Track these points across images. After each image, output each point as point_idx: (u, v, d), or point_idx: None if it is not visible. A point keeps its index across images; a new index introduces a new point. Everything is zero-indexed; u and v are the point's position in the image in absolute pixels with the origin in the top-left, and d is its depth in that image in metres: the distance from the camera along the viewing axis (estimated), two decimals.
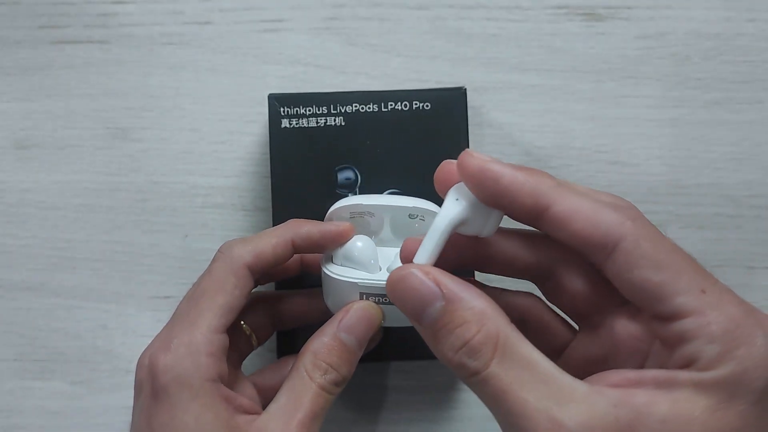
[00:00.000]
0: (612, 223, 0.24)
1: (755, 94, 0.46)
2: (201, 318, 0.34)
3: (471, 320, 0.25)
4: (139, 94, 0.46)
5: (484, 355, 0.24)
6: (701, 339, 0.23)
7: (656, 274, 0.24)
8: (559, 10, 0.46)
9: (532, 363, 0.24)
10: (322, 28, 0.46)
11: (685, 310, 0.24)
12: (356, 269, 0.37)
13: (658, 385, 0.23)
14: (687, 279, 0.24)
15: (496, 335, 0.24)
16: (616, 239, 0.24)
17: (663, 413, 0.23)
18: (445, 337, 0.25)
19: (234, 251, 0.36)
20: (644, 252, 0.24)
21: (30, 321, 0.46)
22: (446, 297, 0.25)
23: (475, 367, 0.24)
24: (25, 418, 0.45)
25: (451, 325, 0.25)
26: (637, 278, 0.24)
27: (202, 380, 0.33)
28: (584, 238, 0.25)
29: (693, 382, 0.23)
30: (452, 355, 0.25)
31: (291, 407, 0.34)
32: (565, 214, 0.25)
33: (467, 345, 0.25)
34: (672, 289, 0.24)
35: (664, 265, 0.24)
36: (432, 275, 0.26)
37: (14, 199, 0.46)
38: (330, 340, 0.35)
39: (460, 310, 0.25)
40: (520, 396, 0.24)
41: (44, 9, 0.46)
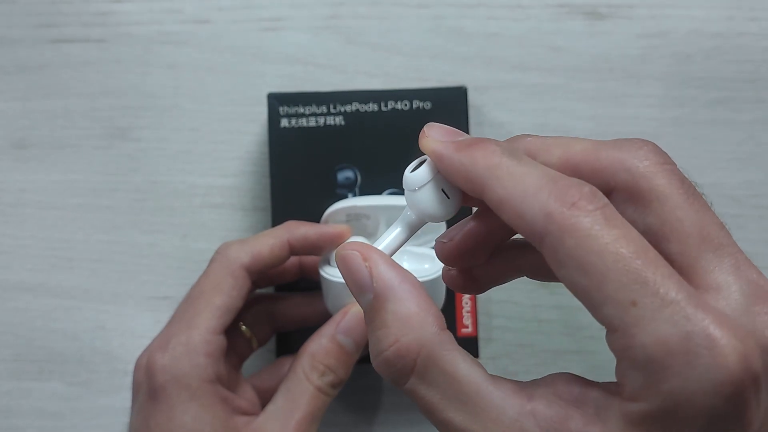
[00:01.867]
0: (536, 214, 0.20)
1: (757, 93, 0.46)
2: (199, 319, 0.34)
3: (391, 327, 0.22)
4: (138, 94, 0.46)
5: (400, 369, 0.22)
6: (624, 362, 0.20)
7: (582, 277, 0.20)
8: (560, 8, 0.46)
9: (458, 380, 0.21)
10: (321, 27, 0.46)
11: (611, 323, 0.20)
12: None
13: (596, 411, 0.20)
14: (613, 287, 0.19)
15: (416, 350, 0.22)
16: (540, 233, 0.20)
17: None
18: (371, 332, 0.23)
19: (231, 252, 0.36)
20: (567, 250, 0.20)
21: (28, 321, 0.45)
22: (375, 290, 0.23)
23: (394, 379, 0.22)
24: (23, 419, 0.45)
25: (373, 324, 0.23)
26: (566, 279, 0.20)
27: (200, 381, 0.33)
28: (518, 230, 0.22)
29: (622, 414, 0.20)
30: (373, 357, 0.23)
31: (288, 409, 0.34)
32: (495, 203, 0.22)
33: (382, 356, 0.22)
34: (598, 297, 0.20)
35: (589, 269, 0.20)
36: (370, 261, 0.23)
37: (12, 199, 0.46)
38: (328, 342, 0.35)
39: (383, 311, 0.22)
40: (445, 416, 0.22)
41: (42, 8, 0.46)
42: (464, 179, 0.23)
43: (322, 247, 0.37)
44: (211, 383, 0.34)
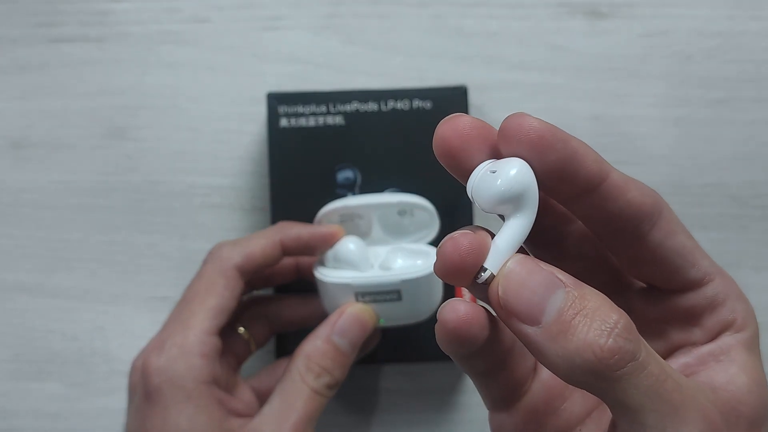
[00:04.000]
0: (654, 194, 0.24)
1: (759, 93, 0.45)
2: (193, 320, 0.35)
3: (604, 304, 0.21)
4: (137, 93, 0.45)
5: (636, 338, 0.21)
6: (731, 298, 0.24)
7: (689, 239, 0.24)
8: (561, 8, 0.46)
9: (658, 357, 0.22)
10: (321, 26, 0.46)
11: (712, 272, 0.24)
12: (349, 270, 0.37)
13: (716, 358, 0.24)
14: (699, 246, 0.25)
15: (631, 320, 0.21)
16: (660, 207, 0.24)
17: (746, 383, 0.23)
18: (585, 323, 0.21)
19: (223, 253, 0.37)
20: (676, 220, 0.24)
21: (26, 322, 0.45)
22: (568, 284, 0.21)
23: (633, 350, 0.20)
24: (21, 420, 0.45)
25: (587, 308, 0.21)
26: (678, 243, 0.24)
27: (195, 382, 0.33)
28: (638, 206, 0.23)
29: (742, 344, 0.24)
30: (604, 341, 0.20)
31: (284, 410, 0.34)
32: (621, 182, 0.23)
33: (620, 324, 0.21)
34: (699, 253, 0.24)
35: (688, 233, 0.24)
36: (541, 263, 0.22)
37: (10, 199, 0.46)
38: (323, 343, 0.35)
39: (589, 293, 0.21)
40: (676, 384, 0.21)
41: (40, 7, 0.46)
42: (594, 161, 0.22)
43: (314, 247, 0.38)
44: (207, 384, 0.34)
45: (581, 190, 0.23)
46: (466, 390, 0.45)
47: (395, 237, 0.39)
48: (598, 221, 0.24)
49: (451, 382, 0.45)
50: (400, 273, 0.36)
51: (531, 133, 0.22)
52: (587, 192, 0.23)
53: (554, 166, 0.22)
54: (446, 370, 0.45)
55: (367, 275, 0.36)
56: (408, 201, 0.38)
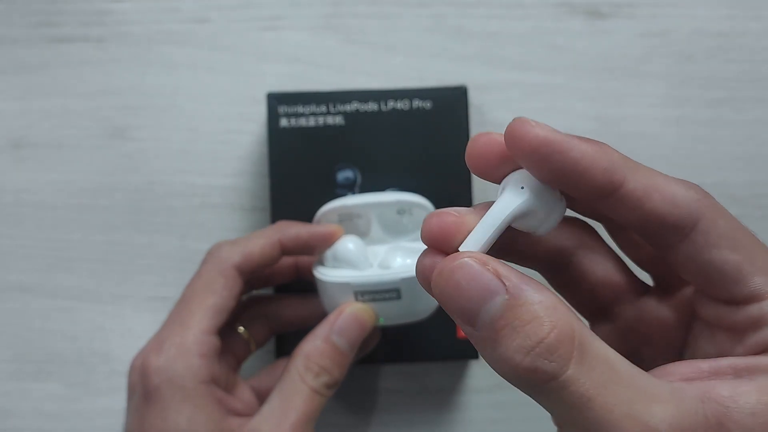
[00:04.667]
0: (690, 201, 0.22)
1: (760, 92, 0.45)
2: (192, 319, 0.35)
3: (542, 316, 0.21)
4: (136, 93, 0.45)
5: (562, 355, 0.20)
6: None
7: (734, 253, 0.22)
8: (561, 8, 0.46)
9: (611, 363, 0.21)
10: (321, 26, 0.45)
11: (763, 291, 0.22)
12: (348, 269, 0.37)
13: (737, 374, 0.22)
14: (762, 259, 0.22)
15: (572, 333, 0.21)
16: (695, 218, 0.22)
17: (752, 405, 0.21)
18: (511, 337, 0.21)
19: (222, 253, 0.36)
20: (722, 231, 0.22)
21: (26, 322, 0.45)
22: (509, 290, 0.21)
23: (552, 370, 0.20)
24: (21, 420, 0.45)
25: (517, 321, 0.21)
26: (716, 258, 0.22)
27: (194, 381, 0.33)
28: (661, 217, 0.22)
29: None
30: (521, 358, 0.20)
31: (283, 410, 0.34)
32: (640, 191, 0.22)
33: (542, 344, 0.20)
34: (749, 270, 0.22)
35: (741, 245, 0.22)
36: (491, 265, 0.21)
37: (10, 199, 0.46)
38: (322, 343, 0.35)
39: (527, 305, 0.21)
40: (607, 402, 0.20)
41: (40, 7, 0.46)
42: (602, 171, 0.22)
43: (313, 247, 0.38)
44: (206, 384, 0.34)
45: (592, 197, 0.23)
46: (466, 390, 0.45)
47: (394, 236, 0.39)
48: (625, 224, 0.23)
49: (451, 382, 0.45)
50: (399, 271, 0.36)
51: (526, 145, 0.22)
52: (599, 199, 0.23)
53: (553, 176, 0.22)
54: (446, 370, 0.45)
55: (366, 274, 0.36)
56: (407, 200, 0.38)
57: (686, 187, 0.23)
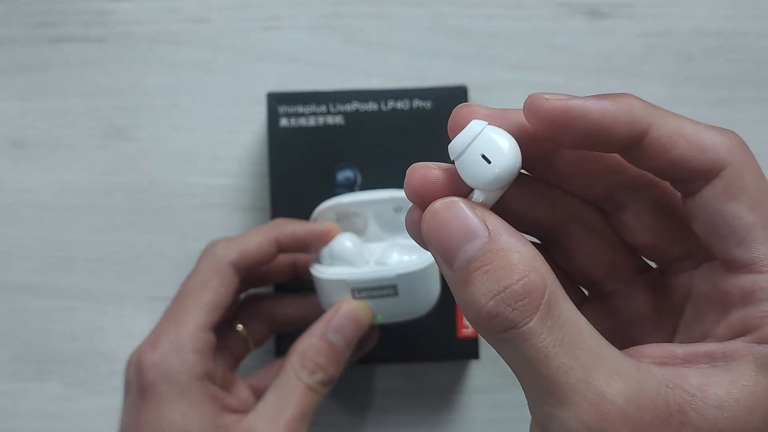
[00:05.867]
0: (719, 147, 0.21)
1: (760, 92, 0.45)
2: (187, 316, 0.35)
3: (516, 263, 0.20)
4: (137, 93, 0.45)
5: (526, 306, 0.20)
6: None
7: (750, 213, 0.21)
8: (561, 8, 0.46)
9: (578, 328, 0.20)
10: (321, 26, 0.45)
11: (763, 263, 0.20)
12: (345, 266, 0.37)
13: (712, 361, 0.21)
14: None
15: (543, 287, 0.20)
16: (720, 165, 0.21)
17: (720, 397, 0.20)
18: (481, 279, 0.20)
19: (218, 250, 0.37)
20: (746, 184, 0.21)
21: (26, 322, 0.45)
22: (491, 234, 0.21)
23: (513, 319, 0.20)
24: (21, 420, 0.45)
25: (491, 265, 0.20)
26: (730, 211, 0.21)
27: (189, 377, 0.33)
28: (685, 164, 0.21)
29: (755, 357, 0.20)
30: (485, 302, 0.20)
31: (278, 407, 0.34)
32: (665, 138, 0.21)
33: (508, 290, 0.20)
34: (759, 235, 0.21)
35: (761, 206, 0.21)
36: (478, 209, 0.21)
37: (10, 199, 0.46)
38: (318, 340, 0.36)
39: (504, 251, 0.21)
40: (563, 362, 0.20)
41: (41, 7, 0.46)
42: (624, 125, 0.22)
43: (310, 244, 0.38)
44: (200, 380, 0.34)
45: (616, 150, 0.22)
46: (466, 390, 0.45)
47: (391, 233, 0.39)
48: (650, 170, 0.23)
49: (450, 381, 0.45)
50: (395, 267, 0.36)
51: (547, 119, 0.22)
52: (623, 151, 0.22)
53: (576, 142, 0.22)
54: (446, 370, 0.45)
55: (363, 271, 0.36)
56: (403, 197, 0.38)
57: (720, 133, 0.22)
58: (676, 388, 0.20)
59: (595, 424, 0.19)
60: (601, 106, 0.22)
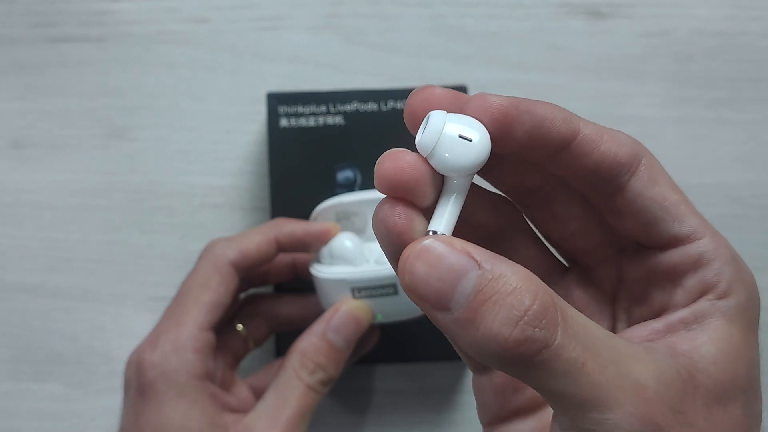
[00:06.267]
0: (632, 142, 0.23)
1: (760, 93, 0.45)
2: (187, 316, 0.35)
3: (521, 285, 0.20)
4: (136, 93, 0.45)
5: (549, 323, 0.20)
6: (719, 260, 0.22)
7: (674, 192, 0.23)
8: (561, 8, 0.46)
9: (588, 328, 0.21)
10: (321, 26, 0.45)
11: (701, 230, 0.23)
12: (344, 266, 0.37)
13: (687, 326, 0.22)
14: (690, 203, 0.23)
15: (552, 299, 0.20)
16: (639, 155, 0.23)
17: (713, 354, 0.21)
18: (493, 312, 0.20)
19: (217, 249, 0.37)
20: (660, 170, 0.23)
21: (26, 322, 0.45)
22: (482, 265, 0.20)
23: (544, 338, 0.19)
24: (21, 420, 0.45)
25: (497, 295, 0.20)
26: (658, 195, 0.23)
27: (188, 377, 0.34)
28: (613, 156, 0.23)
29: (721, 313, 0.22)
30: (509, 331, 0.20)
31: (278, 406, 0.34)
32: (593, 136, 0.23)
33: (529, 312, 0.20)
34: (687, 209, 0.23)
35: (676, 187, 0.23)
36: (457, 244, 0.21)
37: (10, 199, 0.46)
38: (318, 340, 0.36)
39: (503, 276, 0.20)
40: (598, 365, 0.20)
41: (40, 7, 0.46)
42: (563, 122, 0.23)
43: (309, 244, 0.38)
44: (200, 379, 0.34)
45: (554, 150, 0.23)
46: (467, 390, 0.45)
47: None
48: (577, 176, 0.24)
49: (451, 381, 0.45)
50: None
51: (494, 112, 0.22)
52: (559, 151, 0.23)
53: (524, 137, 0.22)
54: (446, 370, 0.45)
55: (363, 270, 0.36)
56: None
57: (622, 132, 0.24)
58: (676, 355, 0.21)
59: (643, 414, 0.20)
60: (543, 105, 0.23)
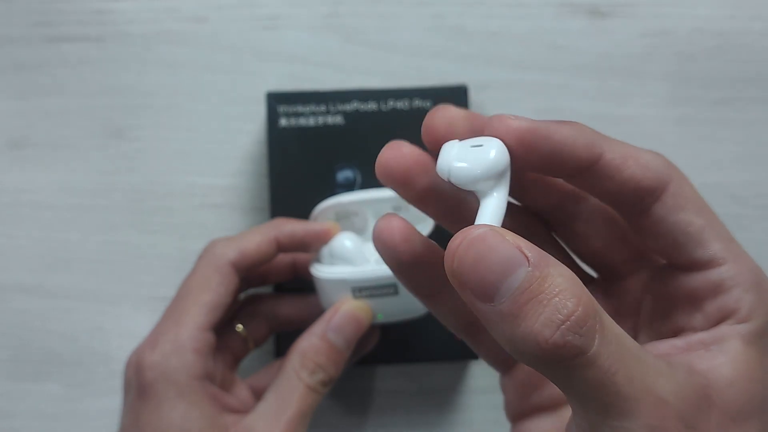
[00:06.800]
0: (660, 166, 0.24)
1: (760, 92, 0.46)
2: (186, 316, 0.35)
3: (567, 289, 0.20)
4: (135, 93, 0.45)
5: (590, 330, 0.20)
6: (740, 287, 0.23)
7: (698, 217, 0.23)
8: (561, 7, 0.46)
9: (621, 338, 0.21)
10: (320, 26, 0.45)
11: (723, 256, 0.23)
12: (344, 265, 0.37)
13: (706, 347, 0.23)
14: (719, 226, 0.24)
15: (594, 306, 0.20)
16: (666, 181, 0.23)
17: (729, 376, 0.22)
18: (536, 310, 0.20)
19: (217, 249, 0.37)
20: (688, 195, 0.24)
21: (25, 322, 0.45)
22: (532, 263, 0.20)
23: (582, 345, 0.20)
24: (20, 420, 0.45)
25: (543, 295, 0.20)
26: (682, 220, 0.23)
27: (188, 377, 0.33)
28: (637, 182, 0.23)
29: (740, 336, 0.22)
30: (550, 333, 0.20)
31: (279, 406, 0.34)
32: (618, 160, 0.23)
33: (573, 317, 0.20)
34: (711, 234, 0.23)
35: (704, 211, 0.24)
36: (510, 237, 0.21)
37: (9, 199, 0.46)
38: (318, 340, 0.36)
39: (552, 277, 0.20)
40: (627, 375, 0.20)
41: (39, 6, 0.46)
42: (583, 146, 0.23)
43: (309, 244, 0.38)
44: (200, 380, 0.34)
45: (574, 172, 0.24)
46: (467, 390, 0.45)
47: None
48: (601, 195, 0.25)
49: (451, 382, 0.45)
50: None
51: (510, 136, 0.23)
52: (580, 174, 0.24)
53: (540, 162, 0.23)
54: (447, 371, 0.45)
55: (363, 270, 0.36)
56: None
57: (654, 155, 0.24)
58: (693, 374, 0.22)
59: (659, 426, 0.20)
60: (563, 130, 0.23)
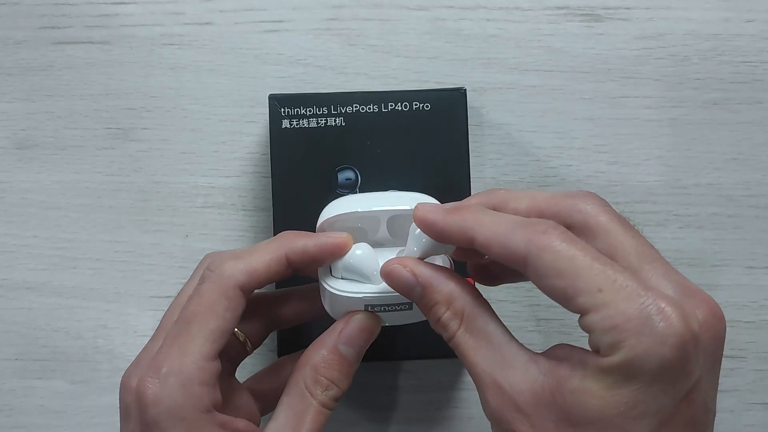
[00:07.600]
0: (518, 243, 0.28)
1: (754, 94, 0.46)
2: (192, 344, 0.32)
3: (440, 301, 0.31)
4: (140, 95, 0.46)
5: (451, 327, 0.31)
6: (597, 332, 0.27)
7: (559, 280, 0.27)
8: (558, 10, 0.46)
9: (488, 333, 0.30)
10: (322, 29, 0.46)
11: (585, 308, 0.27)
12: (358, 279, 0.34)
13: (576, 364, 0.28)
14: (583, 282, 0.27)
15: (461, 312, 0.31)
16: (523, 256, 0.28)
17: (574, 386, 0.27)
18: (428, 312, 0.32)
19: (225, 270, 0.33)
20: (546, 263, 0.28)
21: (31, 320, 0.46)
22: (422, 284, 0.31)
23: (446, 336, 0.31)
24: (26, 417, 0.45)
25: (428, 306, 0.32)
26: (546, 286, 0.28)
27: (196, 412, 0.31)
28: (503, 259, 0.29)
29: (596, 365, 0.27)
30: (435, 326, 0.32)
31: (292, 427, 0.33)
32: (484, 242, 0.30)
33: (439, 320, 0.31)
34: (572, 292, 0.27)
35: (564, 273, 0.27)
36: (409, 267, 0.32)
37: (15, 199, 0.46)
38: (329, 353, 0.34)
39: (432, 294, 0.31)
40: (474, 359, 0.30)
41: (45, 9, 0.46)
42: (458, 233, 0.31)
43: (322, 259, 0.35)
44: (207, 413, 0.32)
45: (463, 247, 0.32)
46: (466, 387, 0.45)
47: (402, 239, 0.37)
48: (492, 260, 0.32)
49: (450, 378, 0.45)
50: None
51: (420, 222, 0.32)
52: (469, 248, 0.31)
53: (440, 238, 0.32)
54: (446, 367, 0.45)
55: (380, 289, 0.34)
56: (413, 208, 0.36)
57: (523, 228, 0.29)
58: (550, 375, 0.28)
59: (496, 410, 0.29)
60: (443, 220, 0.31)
